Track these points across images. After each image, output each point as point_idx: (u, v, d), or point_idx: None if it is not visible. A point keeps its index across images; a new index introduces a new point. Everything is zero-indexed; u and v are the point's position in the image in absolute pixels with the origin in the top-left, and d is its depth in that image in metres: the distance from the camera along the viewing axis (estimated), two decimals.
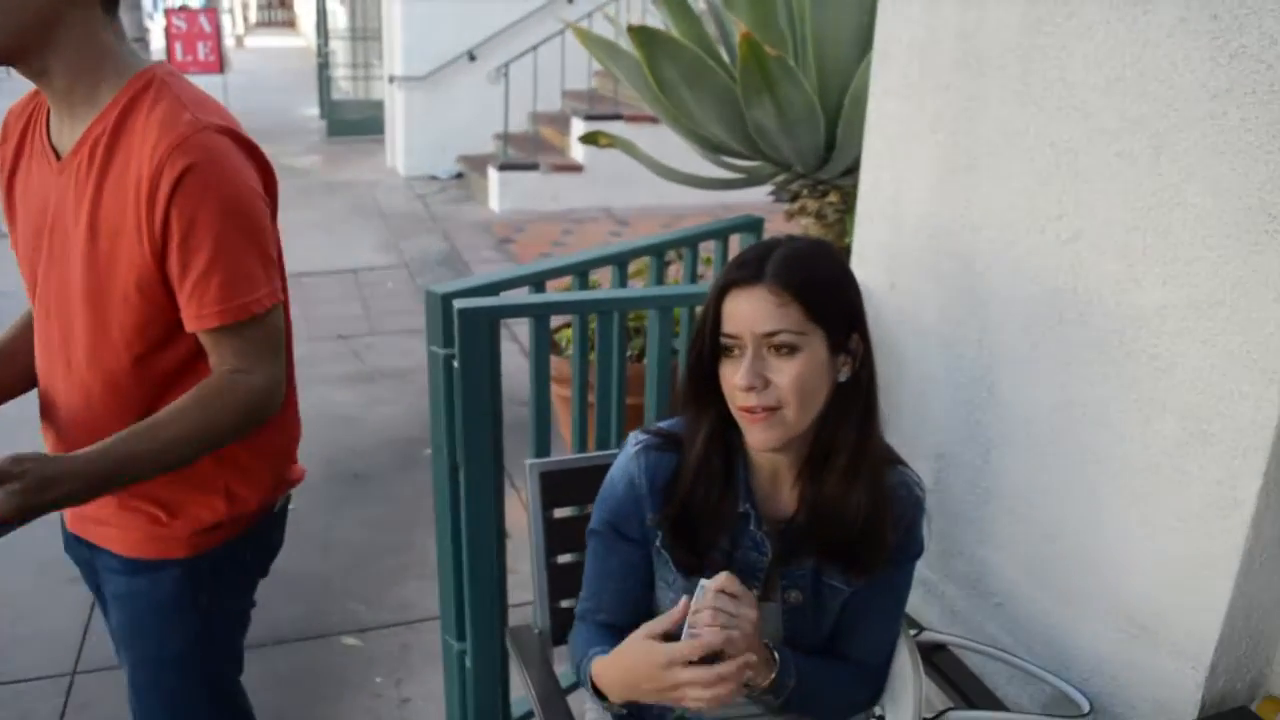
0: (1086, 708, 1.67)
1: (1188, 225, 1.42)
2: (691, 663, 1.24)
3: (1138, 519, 1.57)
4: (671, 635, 1.28)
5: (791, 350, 1.33)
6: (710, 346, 1.38)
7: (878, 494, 1.43)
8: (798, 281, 1.32)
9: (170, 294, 1.45)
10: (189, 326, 1.45)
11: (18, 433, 1.77)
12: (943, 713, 1.63)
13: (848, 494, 1.41)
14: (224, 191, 1.41)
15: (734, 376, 1.35)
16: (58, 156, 1.47)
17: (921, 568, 2.09)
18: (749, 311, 1.33)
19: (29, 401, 1.70)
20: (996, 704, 1.71)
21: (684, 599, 1.29)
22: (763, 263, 1.34)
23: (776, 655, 1.40)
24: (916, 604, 2.10)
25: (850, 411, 1.40)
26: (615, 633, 1.55)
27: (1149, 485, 1.54)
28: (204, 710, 1.73)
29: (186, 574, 1.60)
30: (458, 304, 2.00)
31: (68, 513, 1.66)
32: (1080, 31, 1.56)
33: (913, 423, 2.07)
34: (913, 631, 1.84)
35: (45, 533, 1.69)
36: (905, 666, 1.54)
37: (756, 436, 1.37)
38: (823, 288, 1.35)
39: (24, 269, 1.56)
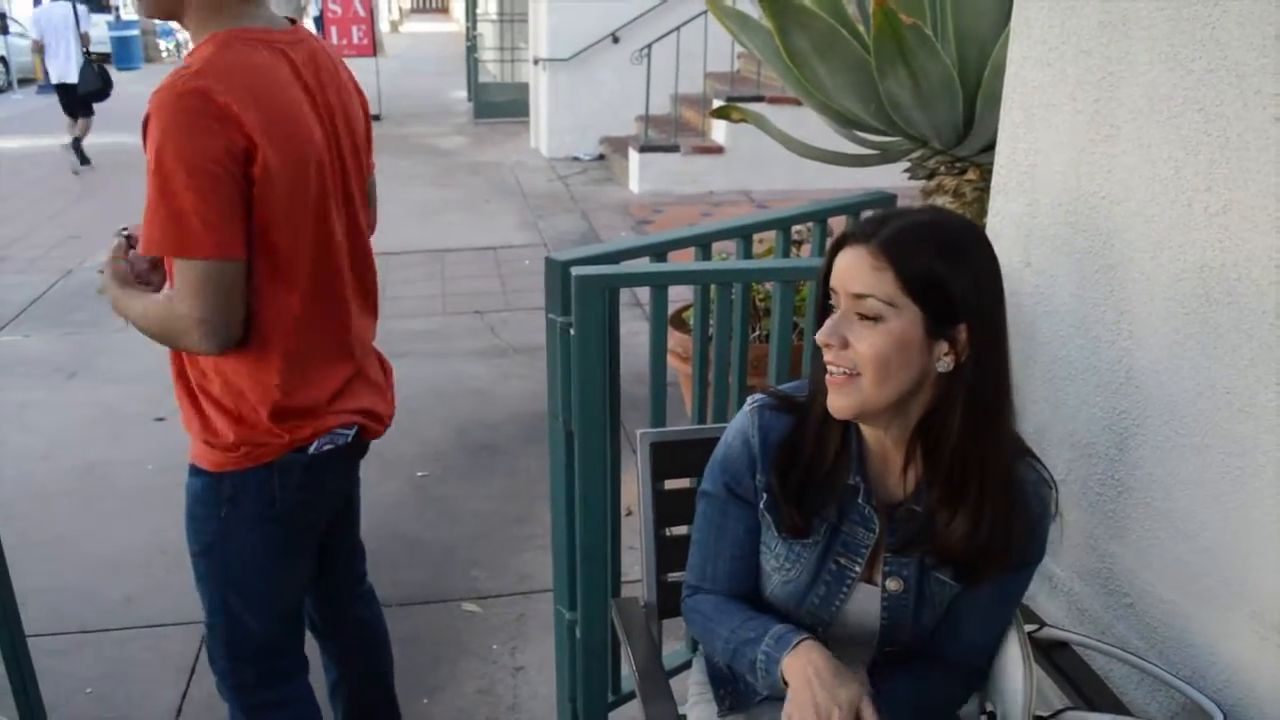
0: (1220, 719, 1.56)
1: None
2: None
3: None
4: None
5: (876, 319, 1.27)
6: (822, 299, 1.36)
7: (1000, 497, 1.35)
8: (903, 252, 1.26)
9: None
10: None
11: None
12: (1060, 712, 1.55)
13: (960, 499, 1.34)
14: (170, 142, 1.53)
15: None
16: None
17: (1047, 562, 1.99)
18: (847, 269, 1.29)
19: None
20: (1120, 708, 1.61)
21: None
22: (882, 224, 1.29)
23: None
24: (1040, 599, 2.00)
25: (954, 406, 1.31)
26: (739, 599, 1.53)
27: None
28: (218, 612, 1.90)
29: (211, 485, 1.79)
30: (575, 271, 1.99)
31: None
32: None
33: (1045, 409, 1.97)
34: (1033, 627, 1.75)
35: None
36: (1015, 659, 1.46)
37: (830, 400, 1.33)
38: (930, 266, 1.26)
39: None
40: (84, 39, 9.83)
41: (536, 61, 10.72)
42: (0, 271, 6.75)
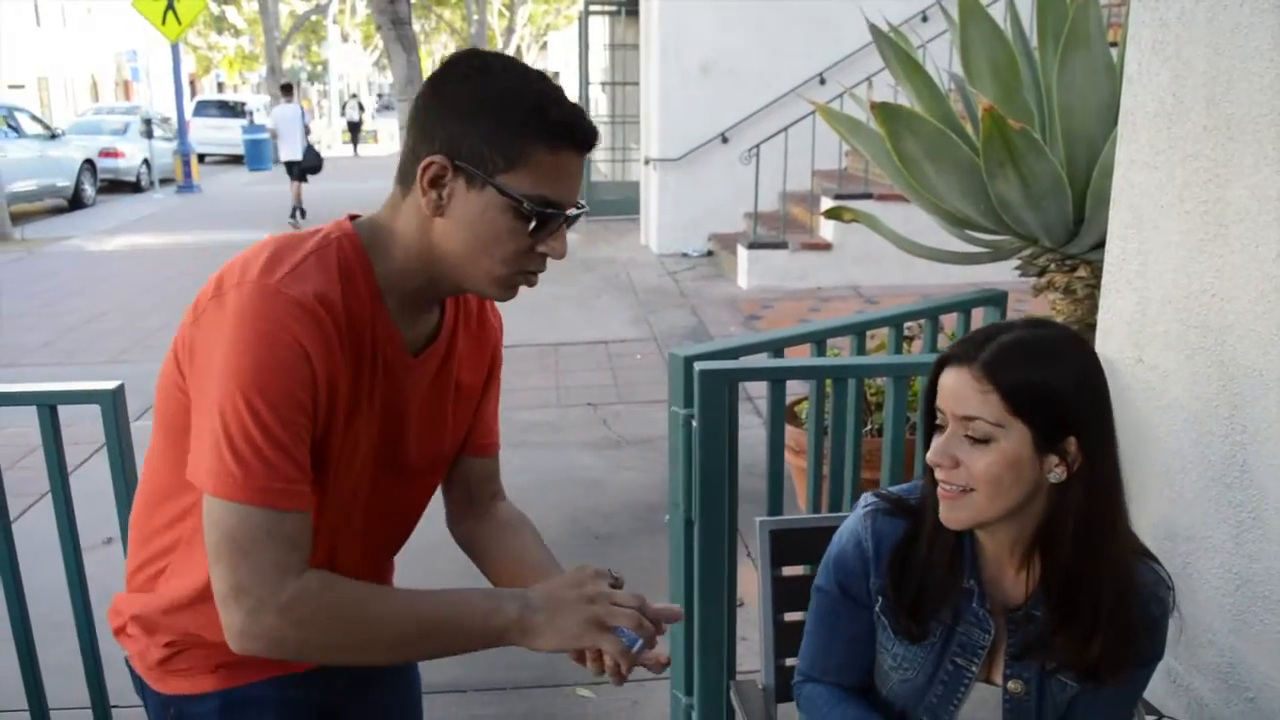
0: None
1: None
2: None
3: None
4: None
5: (985, 440, 1.31)
6: (927, 415, 1.40)
7: (1118, 607, 1.37)
8: (1007, 374, 1.30)
9: None
10: (494, 449, 1.63)
11: None
12: None
13: (1073, 612, 1.37)
14: None
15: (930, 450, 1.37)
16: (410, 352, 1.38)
17: (1167, 656, 1.99)
18: (952, 391, 1.34)
19: None
20: None
21: None
22: (983, 345, 1.33)
23: None
24: (1160, 694, 2.00)
25: (1067, 516, 1.35)
26: (852, 693, 1.57)
27: None
28: None
29: None
30: (698, 366, 2.10)
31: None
32: None
33: (1160, 503, 1.99)
34: (1151, 718, 1.75)
35: None
36: None
37: (943, 512, 1.38)
38: (1034, 386, 1.30)
39: (350, 488, 1.36)
40: (306, 129, 13.96)
41: (648, 161, 11.02)
42: (144, 360, 7.15)
